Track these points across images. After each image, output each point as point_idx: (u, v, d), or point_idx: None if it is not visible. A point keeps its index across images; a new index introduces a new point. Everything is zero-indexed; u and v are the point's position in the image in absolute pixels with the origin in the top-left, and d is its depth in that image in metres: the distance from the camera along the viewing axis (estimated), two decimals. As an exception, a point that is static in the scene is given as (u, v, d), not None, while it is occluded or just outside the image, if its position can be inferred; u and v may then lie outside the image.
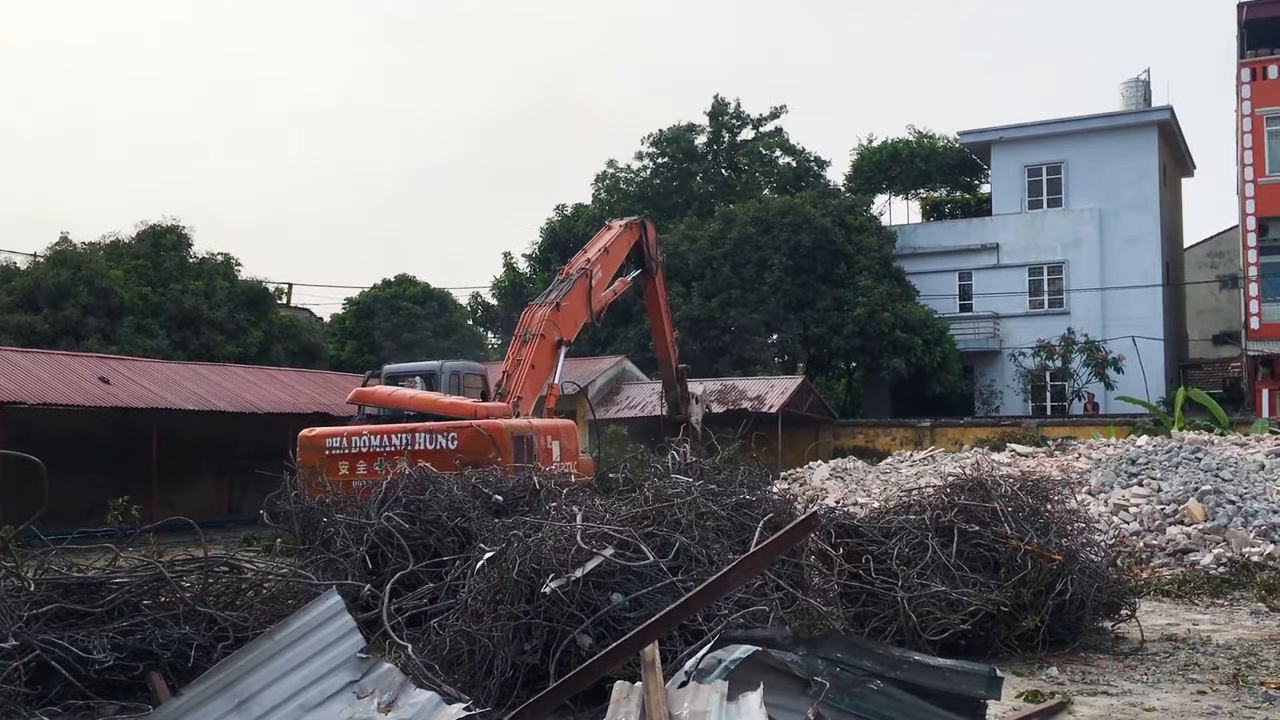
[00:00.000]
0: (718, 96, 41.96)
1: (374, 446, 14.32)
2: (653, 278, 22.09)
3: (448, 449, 13.88)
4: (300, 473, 13.32)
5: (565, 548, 7.03)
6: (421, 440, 14.14)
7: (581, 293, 18.70)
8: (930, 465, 19.31)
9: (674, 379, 23.22)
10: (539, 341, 17.38)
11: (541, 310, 17.86)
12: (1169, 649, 9.02)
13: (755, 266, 35.17)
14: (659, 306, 22.70)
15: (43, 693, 7.00)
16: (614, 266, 20.28)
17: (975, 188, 44.22)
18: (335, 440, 14.56)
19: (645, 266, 21.61)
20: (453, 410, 15.35)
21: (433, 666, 6.98)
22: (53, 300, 27.20)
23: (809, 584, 7.78)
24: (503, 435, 14.16)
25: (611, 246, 20.15)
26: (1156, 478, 15.46)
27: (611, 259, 20.12)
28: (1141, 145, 37.30)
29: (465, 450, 13.74)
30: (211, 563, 8.40)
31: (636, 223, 21.64)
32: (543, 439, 15.15)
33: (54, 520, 8.22)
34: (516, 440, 14.31)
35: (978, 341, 38.21)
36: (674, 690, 4.80)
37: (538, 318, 17.73)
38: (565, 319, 18.15)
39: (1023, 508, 9.26)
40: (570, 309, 18.33)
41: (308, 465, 14.04)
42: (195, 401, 22.97)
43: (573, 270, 19.11)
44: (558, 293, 18.35)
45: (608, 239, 20.37)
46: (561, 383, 19.34)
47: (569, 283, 18.64)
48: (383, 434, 14.44)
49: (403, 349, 34.70)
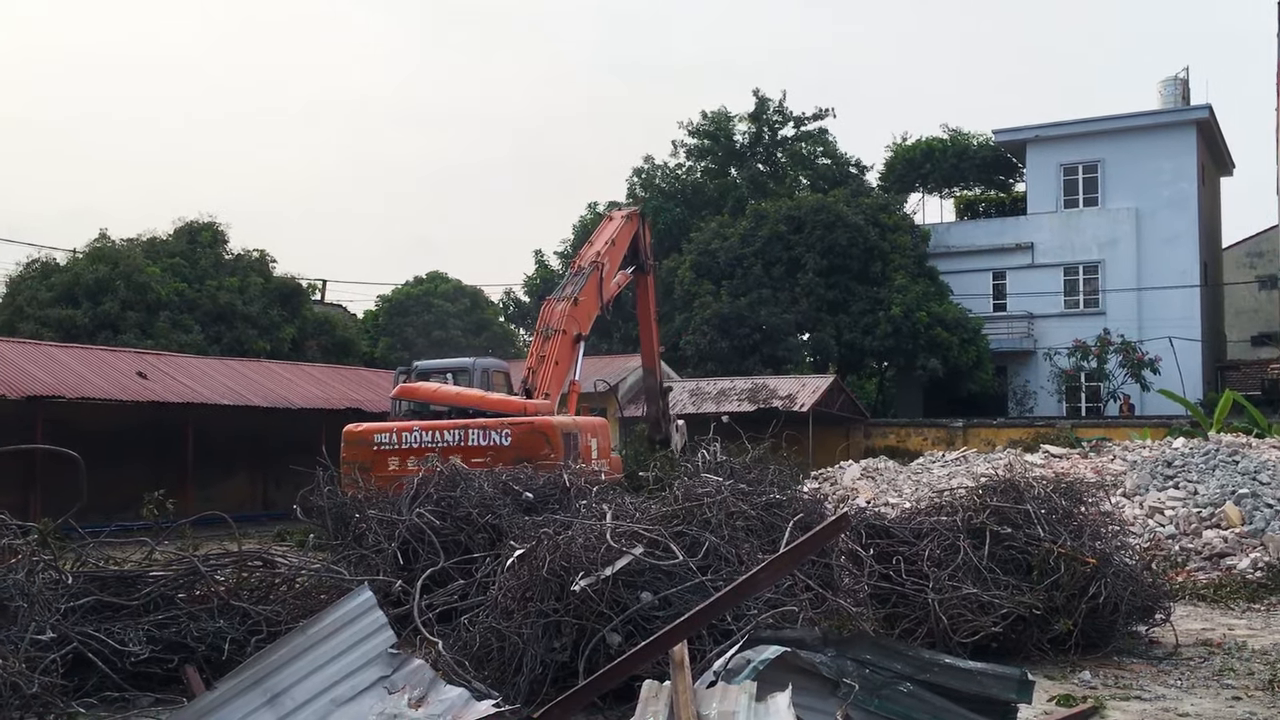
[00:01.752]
0: (758, 92, 41.48)
1: (425, 442, 14.38)
2: (645, 276, 21.86)
3: (502, 445, 13.96)
4: (345, 468, 13.44)
5: (595, 546, 7.04)
6: (475, 436, 14.21)
7: (594, 287, 18.71)
8: (962, 466, 19.17)
9: (656, 389, 22.67)
10: (560, 337, 17.43)
11: (561, 305, 17.90)
12: (1204, 654, 8.91)
13: (786, 265, 35.03)
14: (648, 308, 22.40)
15: (80, 684, 7.09)
16: (619, 258, 20.22)
17: (1010, 186, 43.86)
18: (385, 436, 14.63)
19: (639, 263, 21.32)
20: (501, 407, 15.45)
21: (463, 663, 7.02)
22: (92, 295, 27.60)
23: (839, 585, 7.76)
24: (555, 432, 14.25)
25: (617, 238, 20.08)
26: (1193, 480, 15.27)
27: (617, 250, 20.08)
28: (1180, 144, 36.87)
29: (520, 447, 13.85)
30: (245, 557, 8.49)
31: (636, 213, 21.47)
32: (585, 436, 15.24)
33: (91, 513, 8.33)
34: (565, 437, 14.41)
35: (1011, 341, 37.92)
36: (702, 690, 4.80)
37: (558, 313, 17.77)
38: (583, 313, 18.24)
39: (1056, 510, 9.18)
40: (586, 303, 18.38)
41: (353, 461, 14.14)
42: (230, 397, 23.20)
43: (584, 264, 19.11)
44: (574, 287, 18.37)
45: (612, 230, 20.28)
46: (594, 380, 19.25)
47: (583, 277, 18.63)
48: (435, 430, 14.49)
49: (433, 346, 34.85)
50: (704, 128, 42.04)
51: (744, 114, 41.92)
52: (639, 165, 43.34)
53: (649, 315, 22.43)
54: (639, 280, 21.66)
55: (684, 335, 35.34)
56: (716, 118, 41.89)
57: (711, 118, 41.93)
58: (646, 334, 22.63)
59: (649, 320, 22.48)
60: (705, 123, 42.03)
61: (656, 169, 43.05)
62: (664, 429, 22.17)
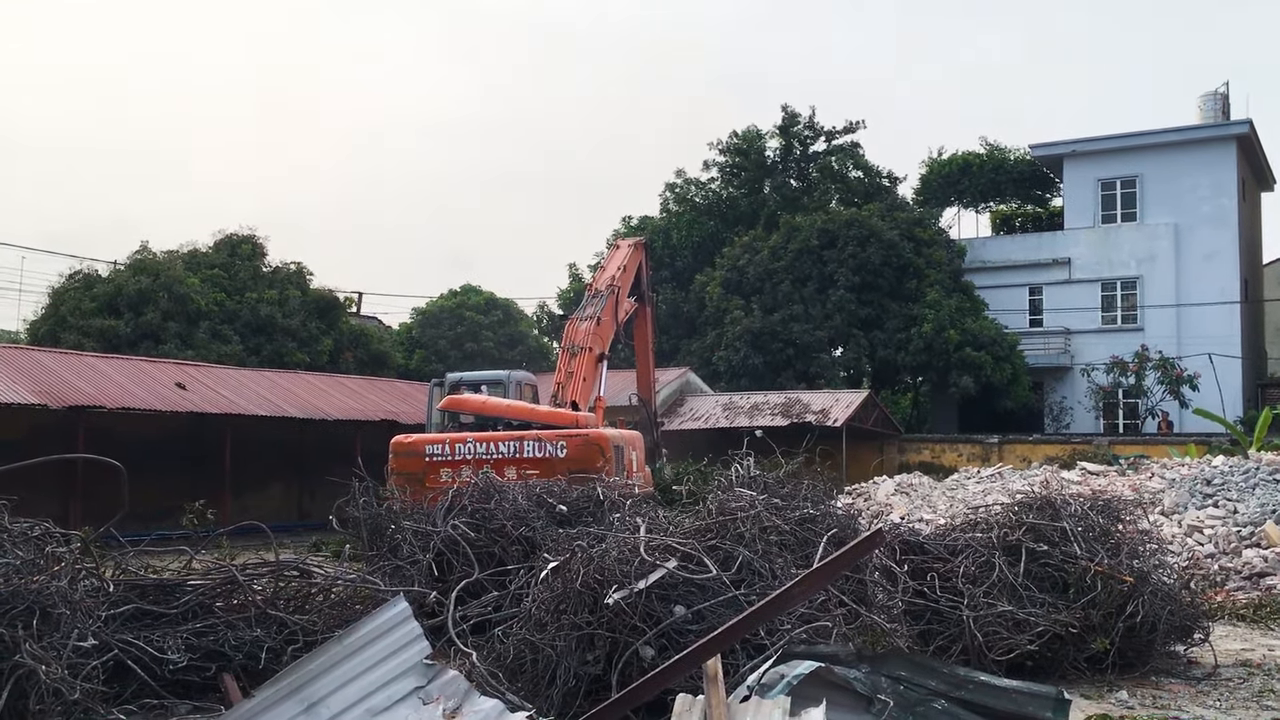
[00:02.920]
0: (787, 108, 41.50)
1: (479, 454, 14.46)
2: (645, 306, 22.49)
3: (556, 457, 14.05)
4: (393, 479, 13.54)
5: (629, 559, 7.05)
6: (530, 448, 14.29)
7: (612, 308, 19.45)
8: (998, 482, 19.05)
9: (652, 420, 23.15)
10: (586, 354, 18.05)
11: (585, 324, 18.61)
12: (1243, 675, 8.79)
13: (818, 281, 34.92)
14: (646, 340, 23.02)
15: (119, 691, 7.16)
16: (629, 284, 20.90)
17: (1047, 201, 43.56)
18: (436, 447, 14.73)
19: (639, 293, 21.86)
20: (553, 419, 15.59)
21: (496, 674, 7.04)
22: (134, 306, 27.95)
23: (873, 600, 7.73)
24: (608, 444, 14.35)
25: (627, 265, 20.78)
26: (1233, 499, 15.09)
27: (628, 276, 20.79)
28: (1219, 159, 36.52)
29: (575, 459, 13.94)
30: (282, 567, 8.56)
31: (641, 243, 22.19)
32: (628, 449, 15.37)
33: (130, 522, 8.43)
34: (616, 450, 14.54)
35: (1048, 357, 37.61)
36: (736, 704, 4.80)
37: (582, 331, 18.45)
38: (604, 333, 18.94)
39: (1093, 527, 9.08)
40: (607, 324, 19.11)
41: (402, 471, 14.24)
42: (267, 408, 23.43)
43: (600, 287, 19.82)
44: (594, 308, 19.09)
45: (622, 258, 20.96)
46: (629, 394, 19.50)
47: (602, 299, 19.34)
48: (488, 441, 14.60)
49: (467, 359, 35.04)
50: (734, 144, 42.06)
51: (774, 129, 41.87)
52: (671, 180, 43.54)
53: (646, 346, 23.14)
54: (638, 310, 22.21)
55: (716, 351, 35.32)
56: (747, 136, 41.88)
57: (742, 136, 41.94)
58: (643, 364, 23.35)
59: (646, 350, 23.19)
60: (736, 140, 42.04)
61: (689, 183, 43.12)
62: (659, 457, 22.53)
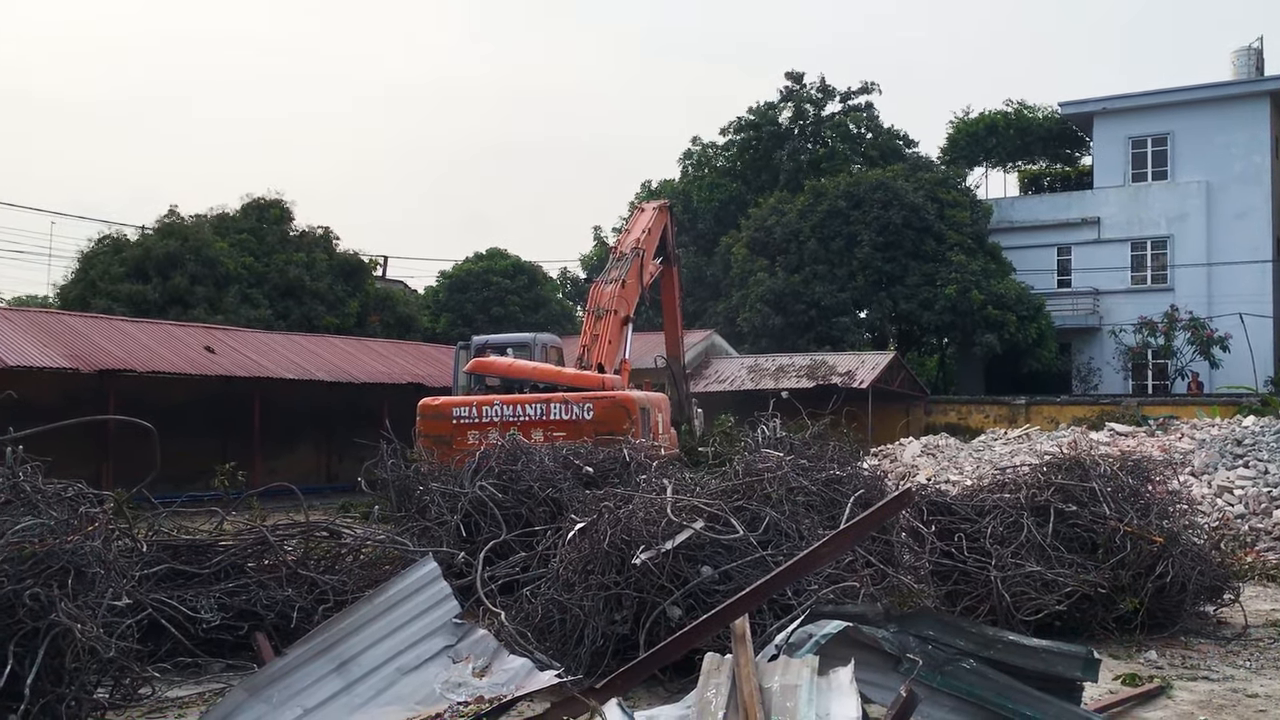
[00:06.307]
0: (791, 72, 41.20)
1: (506, 416, 14.51)
2: (671, 268, 22.51)
3: (584, 419, 14.10)
4: (420, 442, 13.61)
5: (655, 520, 7.08)
6: (558, 410, 14.35)
7: (637, 271, 19.42)
8: (1025, 444, 18.97)
9: (681, 375, 23.40)
10: (611, 317, 18.03)
11: (610, 287, 18.55)
12: (1273, 635, 8.76)
13: (843, 241, 34.70)
14: (674, 299, 23.14)
15: (154, 649, 7.27)
16: (654, 247, 20.89)
17: (1076, 160, 42.99)
18: (464, 410, 14.78)
19: (665, 255, 21.89)
20: (579, 381, 15.64)
21: (525, 634, 7.10)
22: (162, 270, 28.02)
23: (900, 561, 7.73)
24: (635, 406, 14.40)
25: (652, 228, 20.72)
26: (1264, 459, 14.97)
27: (652, 239, 20.76)
28: (1253, 116, 35.88)
29: (602, 421, 13.99)
30: (312, 528, 8.65)
31: (665, 206, 22.22)
32: (654, 411, 15.42)
33: (161, 484, 8.51)
34: (642, 412, 14.59)
35: (1076, 318, 37.27)
36: (764, 663, 4.81)
37: (607, 294, 18.43)
38: (630, 295, 18.93)
39: (1122, 488, 9.04)
40: (632, 286, 19.08)
41: (430, 434, 14.32)
42: (295, 371, 23.59)
43: (625, 250, 19.77)
44: (619, 271, 19.03)
45: (646, 220, 20.92)
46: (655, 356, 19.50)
47: (626, 262, 19.28)
48: (515, 404, 14.65)
49: (493, 322, 35.10)
50: (748, 121, 41.84)
51: (780, 94, 41.60)
52: (689, 148, 43.44)
53: (674, 305, 23.27)
54: (665, 271, 22.27)
55: (740, 313, 35.21)
56: (758, 111, 41.71)
57: (755, 111, 41.75)
58: (671, 323, 23.52)
59: (674, 310, 23.33)
60: (750, 116, 41.83)
61: (708, 147, 42.96)
62: (687, 411, 22.74)
